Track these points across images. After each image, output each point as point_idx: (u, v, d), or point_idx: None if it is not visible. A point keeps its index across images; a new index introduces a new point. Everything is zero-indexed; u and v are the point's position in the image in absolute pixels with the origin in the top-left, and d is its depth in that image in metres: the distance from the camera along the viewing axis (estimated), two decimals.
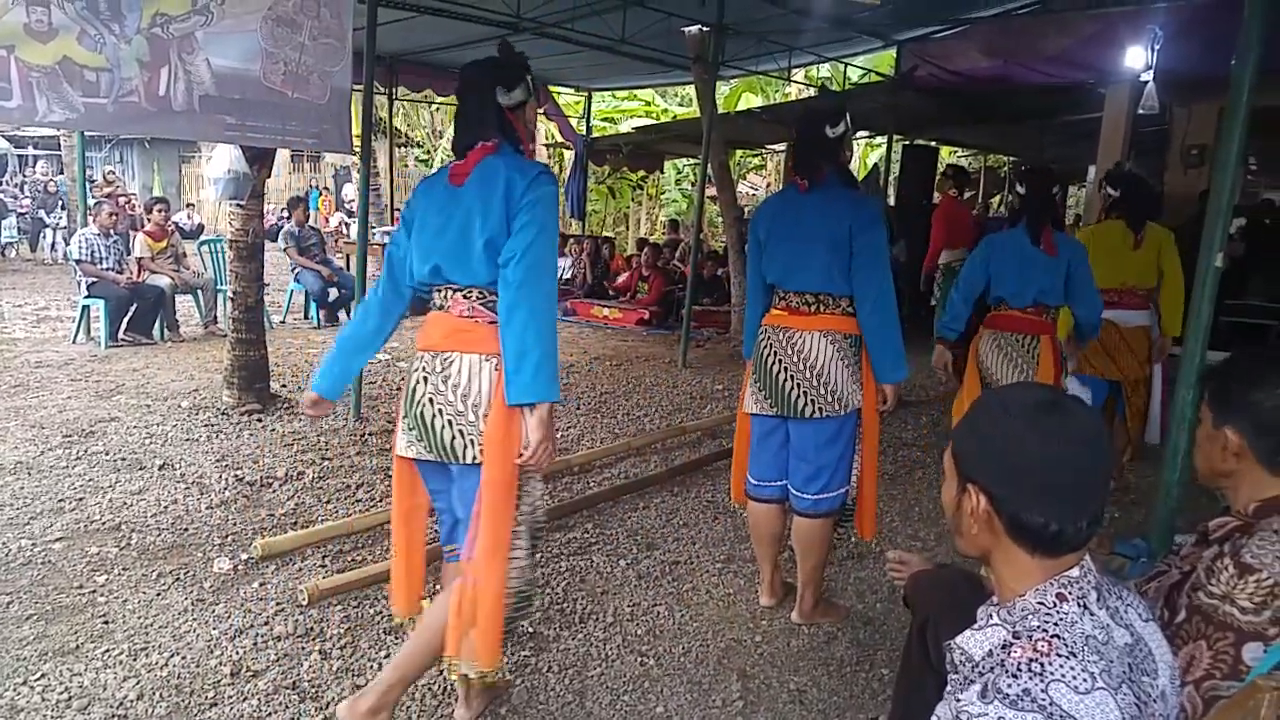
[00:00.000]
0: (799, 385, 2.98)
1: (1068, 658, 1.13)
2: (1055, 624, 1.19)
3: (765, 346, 3.07)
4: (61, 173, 16.01)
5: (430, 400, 2.27)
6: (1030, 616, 1.23)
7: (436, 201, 2.32)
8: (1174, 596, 1.66)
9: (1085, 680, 1.11)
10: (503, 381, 2.18)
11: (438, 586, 2.82)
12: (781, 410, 3.03)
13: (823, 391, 2.96)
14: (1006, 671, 1.15)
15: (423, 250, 2.32)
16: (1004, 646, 1.21)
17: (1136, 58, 7.11)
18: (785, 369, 3.00)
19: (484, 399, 2.22)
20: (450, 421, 2.24)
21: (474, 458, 2.22)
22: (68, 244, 9.41)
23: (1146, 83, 7.01)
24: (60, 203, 14.62)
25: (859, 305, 2.93)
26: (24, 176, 17.66)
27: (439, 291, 2.35)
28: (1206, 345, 2.86)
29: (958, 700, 1.18)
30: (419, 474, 2.43)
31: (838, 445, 3.02)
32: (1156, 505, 2.96)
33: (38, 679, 2.63)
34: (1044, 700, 1.10)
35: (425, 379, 2.29)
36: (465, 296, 2.28)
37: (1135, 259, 4.45)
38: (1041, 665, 1.13)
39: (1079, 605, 1.22)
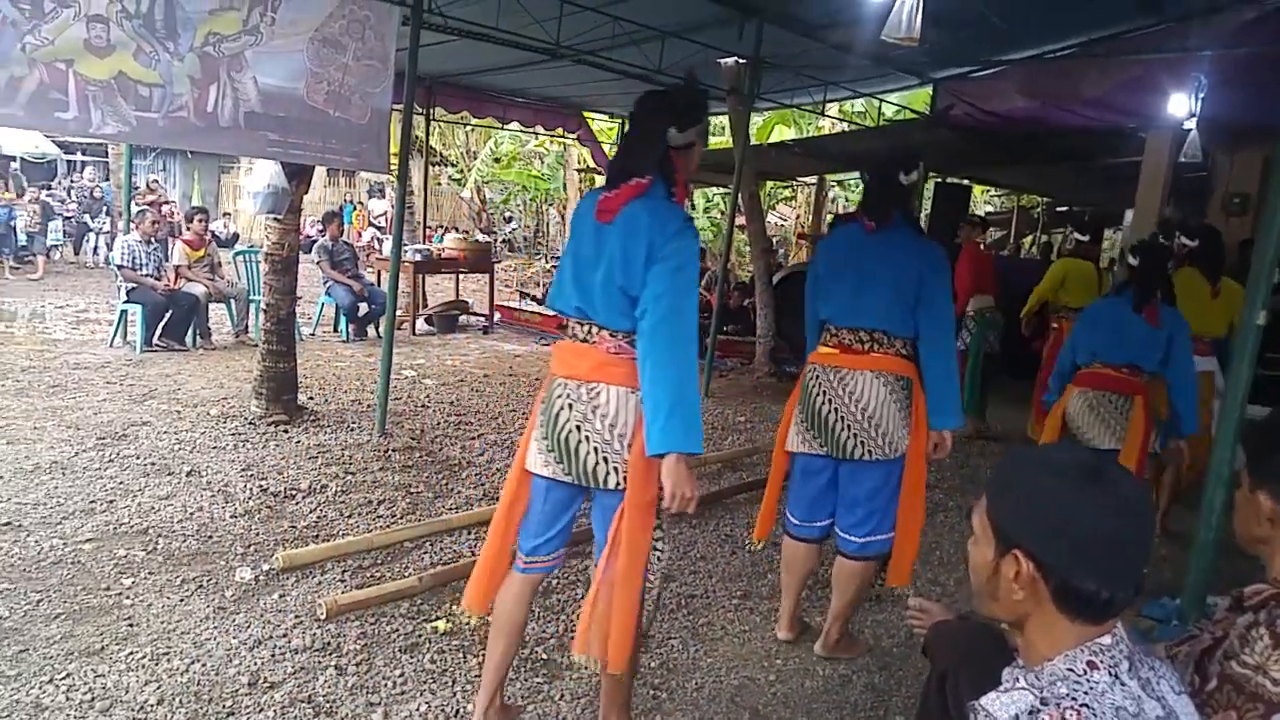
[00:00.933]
0: (849, 426, 2.97)
1: None
2: (1085, 693, 1.16)
3: (814, 385, 3.07)
4: (108, 179, 16.35)
5: (577, 428, 2.35)
6: (1059, 683, 1.19)
7: (587, 234, 2.37)
8: (1205, 663, 1.62)
9: None
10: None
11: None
12: (831, 450, 3.03)
13: (873, 433, 2.95)
14: None
15: (572, 285, 2.40)
16: (1030, 712, 1.18)
17: (1179, 104, 7.07)
18: (835, 409, 3.00)
19: (629, 429, 2.32)
20: (596, 448, 2.33)
21: (617, 484, 2.33)
22: (110, 248, 9.58)
23: (1189, 130, 6.96)
24: (105, 208, 14.93)
25: (924, 349, 2.95)
26: (71, 181, 18.07)
27: (581, 325, 2.41)
28: (1246, 402, 2.81)
29: None
30: (538, 488, 2.50)
31: (888, 489, 3.02)
32: (1190, 565, 2.89)
33: (63, 678, 2.69)
34: None
35: (570, 406, 2.36)
36: (612, 335, 2.35)
37: (1213, 308, 4.62)
38: None
39: (1110, 674, 1.19)
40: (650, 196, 2.29)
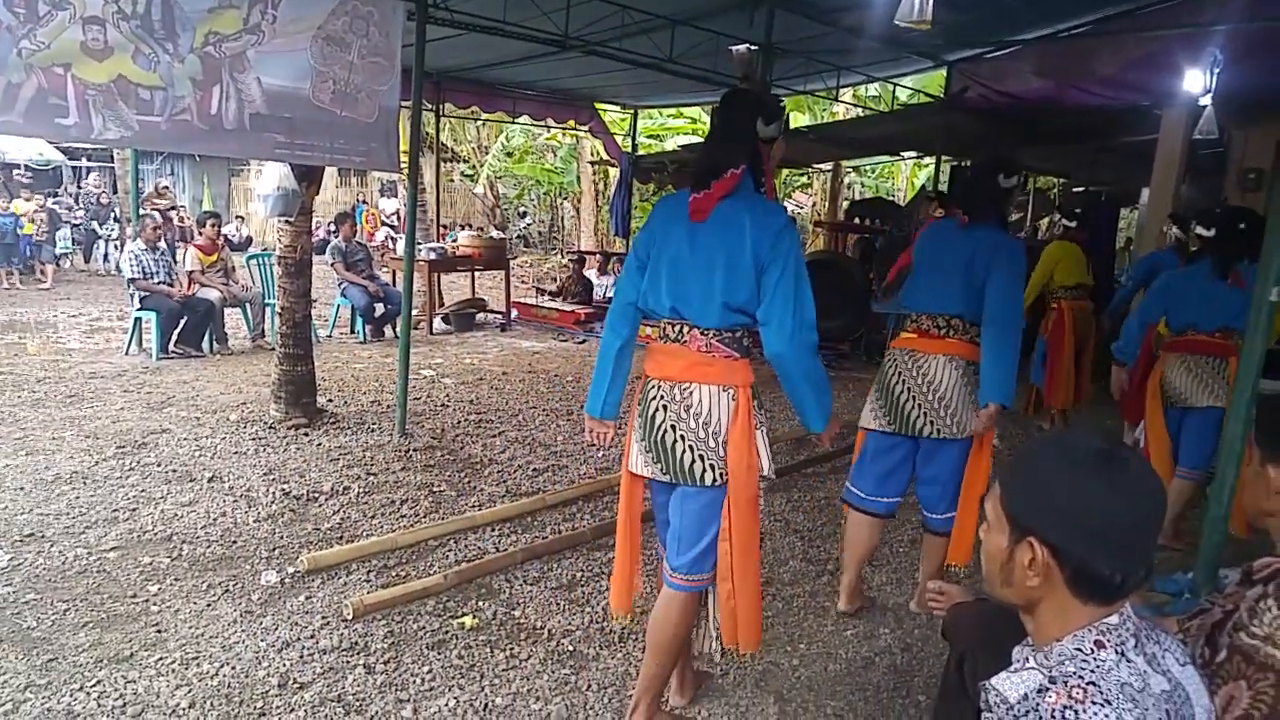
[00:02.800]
0: (919, 405, 3.15)
1: (1103, 705, 1.13)
2: (1092, 671, 1.19)
3: (891, 367, 3.26)
4: (116, 186, 16.43)
5: (672, 427, 2.41)
6: (1067, 662, 1.22)
7: (678, 234, 2.41)
8: (1215, 635, 1.65)
9: None
10: (740, 409, 2.38)
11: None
12: (899, 428, 3.20)
13: (942, 413, 3.12)
14: (1040, 717, 1.16)
15: (665, 287, 2.43)
16: (1039, 691, 1.21)
17: (1195, 81, 6.98)
18: (908, 389, 3.18)
19: (723, 427, 2.38)
20: (691, 447, 2.38)
21: (713, 480, 2.39)
22: (121, 252, 9.60)
23: (1205, 107, 6.88)
24: (113, 214, 14.99)
25: (986, 329, 3.06)
26: (78, 188, 18.13)
27: (673, 325, 2.44)
28: (1259, 377, 2.81)
29: None
30: (643, 489, 2.63)
31: (964, 467, 3.21)
32: (1202, 541, 2.90)
33: (94, 685, 2.70)
34: None
35: (665, 407, 2.43)
36: (703, 334, 2.39)
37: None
38: (1076, 713, 1.13)
39: (1116, 652, 1.22)
40: (742, 192, 2.35)
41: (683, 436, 2.39)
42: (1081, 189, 15.29)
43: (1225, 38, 6.67)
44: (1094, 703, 1.13)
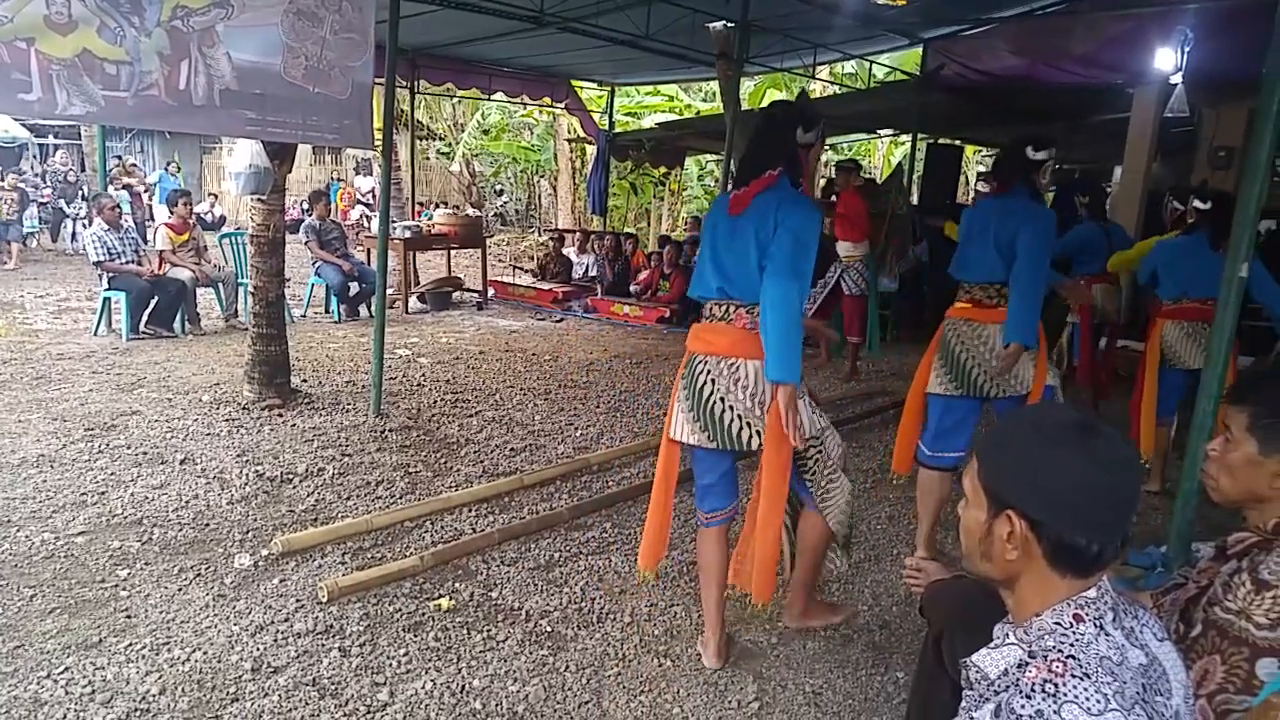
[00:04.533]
0: (983, 369, 3.43)
1: (1082, 679, 1.14)
2: (1071, 645, 1.20)
3: (952, 336, 3.53)
4: (84, 163, 16.11)
5: (721, 399, 2.67)
6: (1046, 637, 1.23)
7: (722, 227, 2.70)
8: (1190, 610, 1.67)
9: (1098, 702, 1.12)
10: None
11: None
12: (966, 391, 3.48)
13: (1005, 375, 3.40)
14: (1020, 692, 1.16)
15: (710, 271, 2.72)
16: (1019, 666, 1.22)
17: (1166, 59, 7.02)
18: (971, 355, 3.46)
19: (767, 396, 2.63)
20: (740, 416, 2.66)
21: (758, 445, 2.67)
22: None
23: (1175, 85, 6.92)
24: (80, 193, 14.70)
25: (1013, 279, 3.32)
26: (45, 166, 17.76)
27: (719, 305, 2.73)
28: (1230, 355, 2.85)
29: (971, 719, 1.20)
30: (697, 456, 2.86)
31: None
32: (1175, 515, 2.95)
33: (61, 672, 2.66)
34: None
35: (713, 380, 2.68)
36: (748, 312, 2.66)
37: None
38: (1055, 686, 1.13)
39: (1095, 626, 1.23)
40: (779, 187, 2.63)
41: (730, 407, 2.65)
42: (1057, 166, 15.36)
43: (1195, 16, 6.71)
44: (1073, 676, 1.14)
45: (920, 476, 3.71)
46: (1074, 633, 1.22)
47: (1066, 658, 1.17)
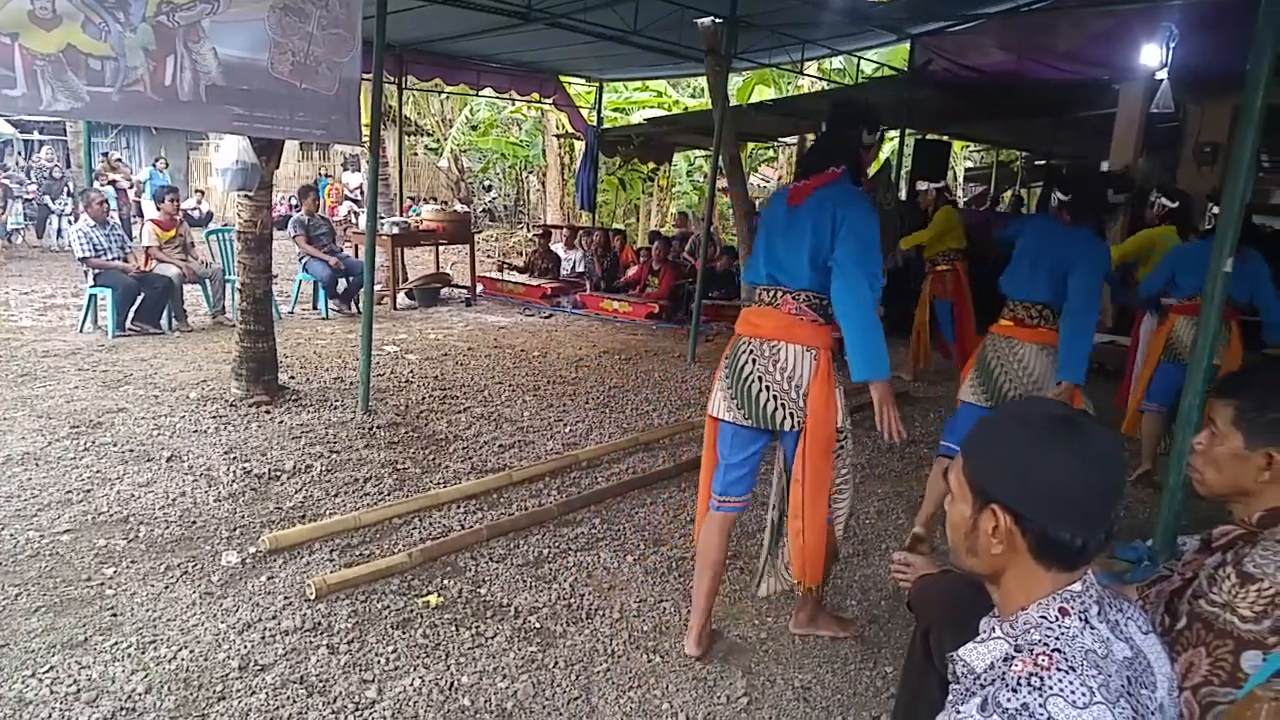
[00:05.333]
0: (1015, 386, 3.57)
1: (1067, 672, 1.14)
2: (1056, 638, 1.20)
3: (991, 351, 3.67)
4: (69, 159, 15.99)
5: (759, 379, 2.76)
6: (1032, 630, 1.24)
7: (778, 219, 2.82)
8: (1175, 603, 1.68)
9: (1083, 695, 1.12)
10: (821, 367, 2.73)
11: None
12: (996, 403, 3.62)
13: (1034, 392, 3.52)
14: (1006, 685, 1.16)
15: (763, 258, 2.84)
16: (1005, 660, 1.22)
17: (1151, 55, 7.06)
18: (1005, 373, 3.59)
19: (805, 381, 2.73)
20: (775, 396, 2.74)
21: (792, 426, 2.75)
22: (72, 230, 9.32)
23: (1161, 80, 6.95)
24: (66, 189, 14.60)
25: (1069, 316, 3.39)
26: (29, 163, 17.63)
27: (768, 291, 2.83)
28: (1214, 351, 2.86)
29: (958, 712, 1.19)
30: (723, 433, 2.93)
31: None
32: (1161, 508, 2.96)
33: (46, 671, 2.64)
34: (1041, 715, 1.11)
35: (754, 361, 2.78)
36: (794, 298, 2.77)
37: None
38: (1041, 679, 1.14)
39: (1080, 619, 1.24)
40: (840, 184, 2.74)
41: (767, 387, 2.75)
42: (1043, 162, 15.43)
43: (1180, 12, 6.74)
44: (1059, 669, 1.14)
45: (937, 465, 3.87)
46: (1059, 626, 1.22)
47: (1052, 651, 1.18)
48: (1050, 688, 1.12)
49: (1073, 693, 1.12)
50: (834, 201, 2.68)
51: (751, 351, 2.79)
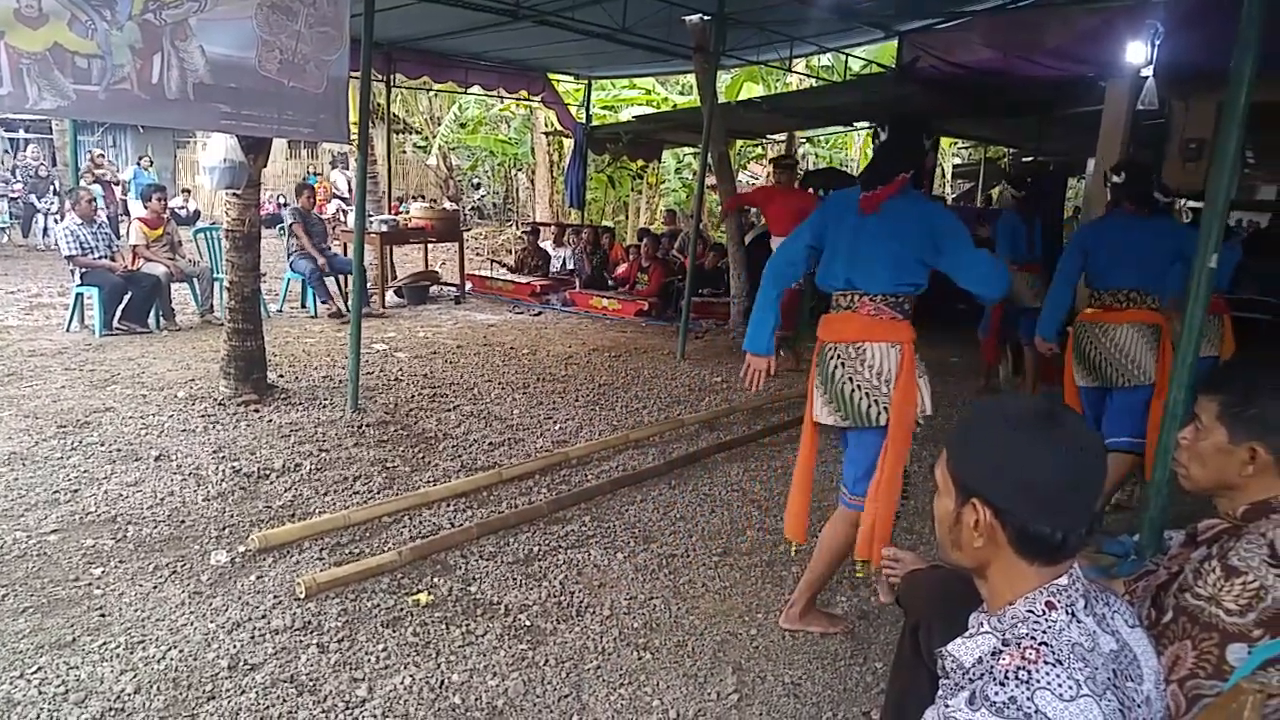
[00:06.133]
0: (1112, 364, 3.92)
1: (1054, 665, 1.15)
2: (1043, 632, 1.21)
3: (1083, 337, 4.03)
4: (55, 158, 15.88)
5: (850, 379, 2.91)
6: (1020, 624, 1.25)
7: (847, 226, 2.94)
8: (1161, 597, 1.69)
9: (1070, 688, 1.13)
10: (905, 361, 2.85)
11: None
12: (1101, 383, 3.99)
13: (1131, 368, 3.89)
14: (994, 679, 1.17)
15: (840, 263, 2.95)
16: (993, 654, 1.23)
17: (1136, 52, 7.09)
18: (1099, 353, 3.95)
19: (892, 374, 2.86)
20: (867, 394, 2.88)
21: (885, 420, 2.87)
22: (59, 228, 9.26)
23: (1146, 77, 6.99)
24: (52, 187, 14.51)
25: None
26: (15, 161, 17.49)
27: (845, 295, 2.97)
28: (1199, 346, 2.88)
29: (946, 706, 1.20)
30: (822, 436, 3.18)
31: (1146, 403, 3.89)
32: (1147, 503, 2.98)
33: (34, 672, 2.63)
34: (1029, 708, 1.12)
35: (842, 364, 2.92)
36: (871, 300, 2.90)
37: None
38: (1028, 673, 1.15)
39: (1067, 613, 1.24)
40: (908, 192, 2.89)
41: (859, 386, 2.89)
42: (1031, 159, 15.48)
43: (1164, 10, 6.77)
44: (1046, 663, 1.15)
45: None
46: (1046, 620, 1.23)
47: (1039, 644, 1.18)
48: (1037, 681, 1.13)
49: (1060, 685, 1.13)
50: (916, 212, 2.86)
51: (838, 355, 2.94)
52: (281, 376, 6.19)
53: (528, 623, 3.09)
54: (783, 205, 7.11)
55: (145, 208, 8.37)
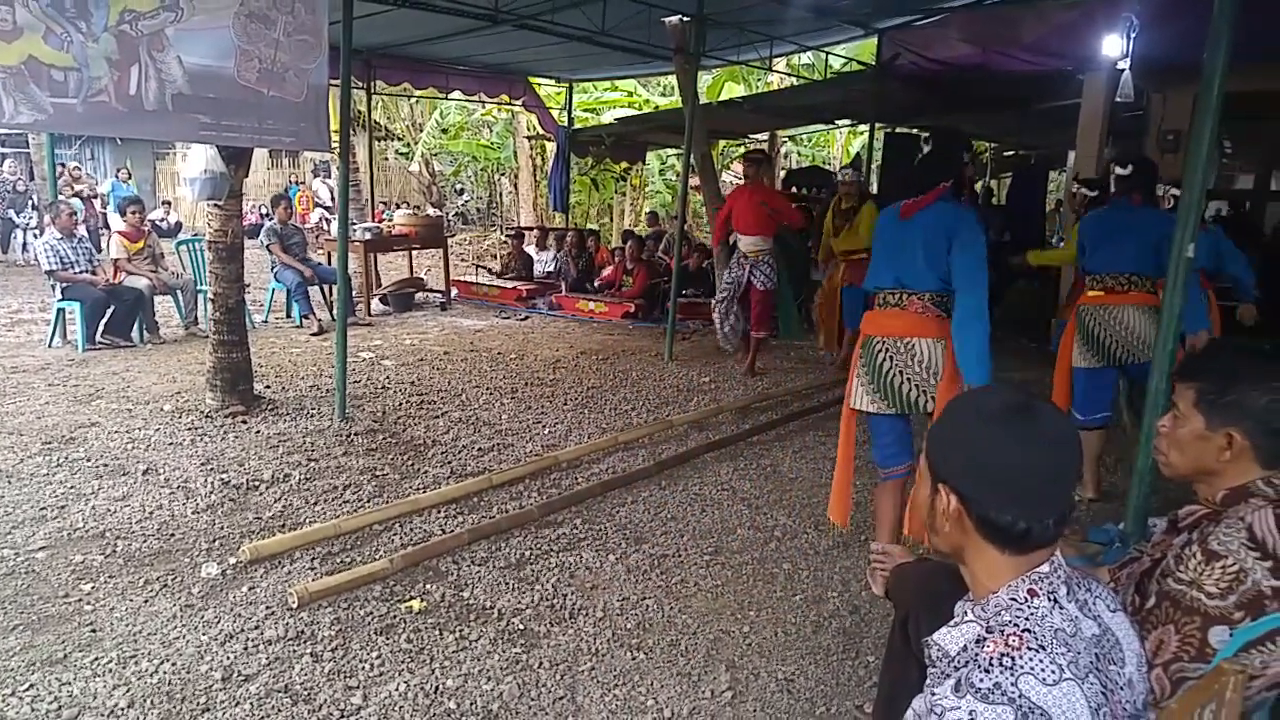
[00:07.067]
0: (1120, 343, 4.15)
1: (1037, 651, 1.17)
2: (1026, 618, 1.23)
3: (1089, 318, 4.24)
4: (33, 172, 15.73)
5: (900, 372, 3.19)
6: (1003, 612, 1.27)
7: (891, 230, 3.25)
8: (1145, 583, 1.71)
9: (1053, 672, 1.15)
10: (950, 355, 3.11)
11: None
12: (1108, 363, 4.20)
13: (1139, 346, 4.10)
14: (979, 666, 1.18)
15: (885, 264, 3.26)
16: (977, 641, 1.25)
17: (1113, 45, 7.14)
18: (1109, 333, 4.18)
19: (940, 367, 3.16)
20: (916, 385, 3.18)
21: (930, 408, 3.16)
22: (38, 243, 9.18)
23: (1123, 70, 7.04)
24: (30, 202, 14.38)
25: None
26: None
27: (893, 294, 3.24)
28: (1179, 332, 2.91)
29: (933, 694, 1.22)
30: (875, 421, 3.37)
31: None
32: (1130, 492, 3.00)
33: (26, 689, 2.62)
34: (1014, 693, 1.13)
35: (891, 357, 3.20)
36: (919, 298, 3.18)
37: None
38: (1012, 659, 1.17)
39: (1049, 600, 1.26)
40: (946, 200, 3.15)
41: (908, 379, 3.18)
42: (1012, 153, 15.58)
43: (1140, 3, 6.82)
44: (1029, 649, 1.17)
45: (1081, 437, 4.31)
46: (1029, 607, 1.25)
47: (1022, 631, 1.20)
48: (1021, 666, 1.15)
49: (1043, 670, 1.15)
50: (948, 220, 3.09)
51: (886, 349, 3.21)
52: (268, 387, 6.17)
53: (521, 626, 3.09)
54: (746, 202, 6.96)
55: (123, 220, 8.31)
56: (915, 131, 13.08)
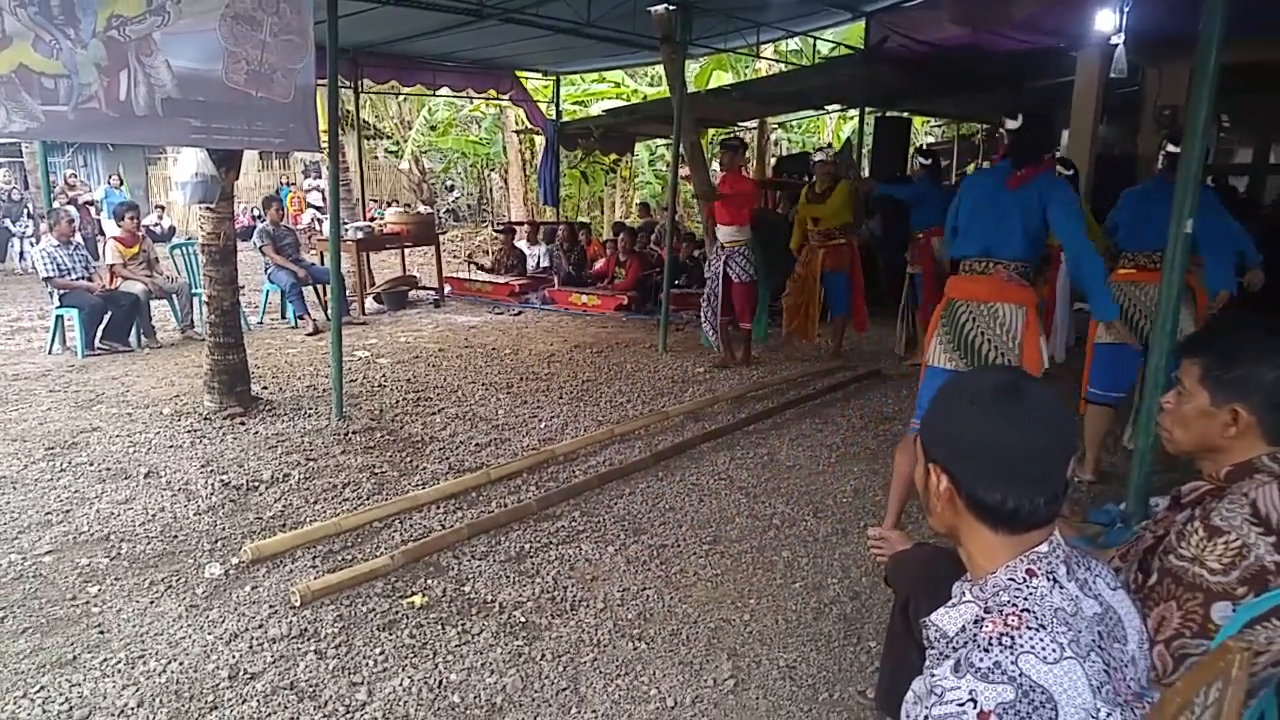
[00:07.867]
0: (1149, 320, 4.09)
1: (1037, 630, 1.17)
2: (1025, 598, 1.23)
3: (1118, 294, 4.24)
4: (27, 181, 15.71)
5: (981, 333, 3.36)
6: (1001, 592, 1.26)
7: (988, 195, 3.39)
8: (1147, 560, 1.70)
9: (1054, 651, 1.15)
10: (1030, 321, 3.31)
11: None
12: (1137, 339, 4.19)
13: (1137, 317, 4.21)
14: (978, 646, 1.18)
15: (977, 232, 3.41)
16: (976, 622, 1.24)
17: (1106, 20, 7.12)
18: (1139, 310, 4.27)
19: (1020, 331, 3.32)
20: (995, 347, 3.34)
21: None
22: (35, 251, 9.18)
23: (1116, 45, 7.02)
24: (25, 210, 14.37)
25: (1206, 249, 4.02)
26: None
27: (979, 261, 3.41)
28: (1179, 310, 2.90)
29: (932, 675, 1.21)
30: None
31: None
32: (1131, 471, 3.00)
33: (37, 691, 2.65)
34: (1014, 672, 1.13)
35: (973, 319, 3.38)
36: (1005, 266, 3.35)
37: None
38: (1012, 638, 1.16)
39: (1048, 579, 1.26)
40: (1049, 173, 3.34)
41: (989, 340, 3.34)
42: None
43: None
44: (1029, 628, 1.17)
45: (1089, 413, 4.45)
46: (1028, 587, 1.24)
47: (1021, 610, 1.20)
48: (1021, 645, 1.15)
49: (1044, 649, 1.14)
50: (1043, 189, 3.27)
51: (971, 312, 3.38)
52: (265, 388, 6.19)
53: (522, 619, 3.12)
54: (728, 190, 6.88)
55: (119, 226, 8.32)
56: (905, 115, 13.11)
